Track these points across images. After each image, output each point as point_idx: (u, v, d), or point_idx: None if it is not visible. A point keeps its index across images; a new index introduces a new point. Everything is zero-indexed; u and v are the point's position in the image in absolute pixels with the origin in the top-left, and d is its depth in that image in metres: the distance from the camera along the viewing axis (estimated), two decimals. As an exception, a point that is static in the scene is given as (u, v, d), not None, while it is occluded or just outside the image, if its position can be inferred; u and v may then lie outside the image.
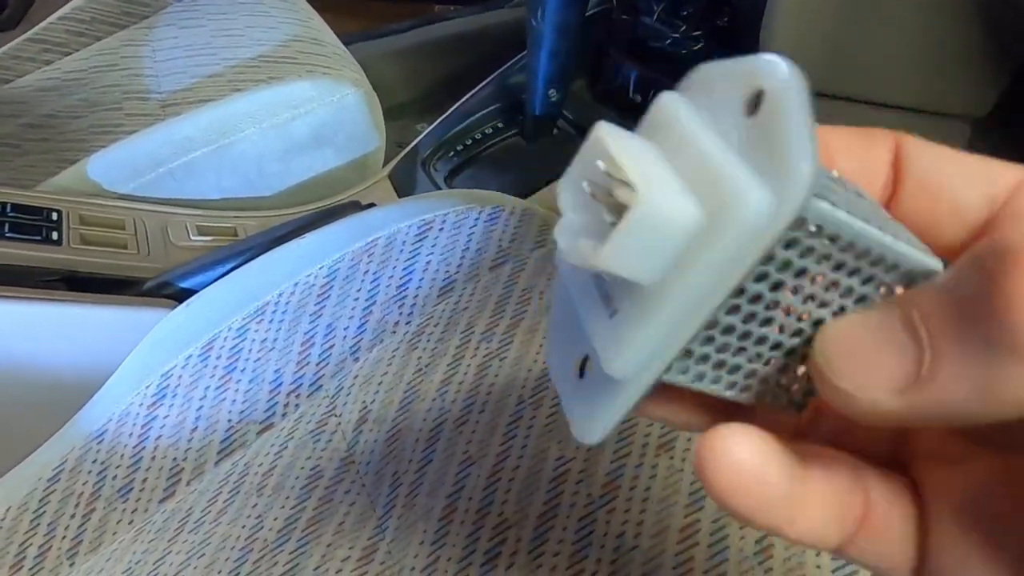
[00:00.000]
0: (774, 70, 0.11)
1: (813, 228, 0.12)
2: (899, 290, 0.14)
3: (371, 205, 0.62)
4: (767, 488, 0.13)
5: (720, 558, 0.29)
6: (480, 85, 0.80)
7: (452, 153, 0.75)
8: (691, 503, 0.32)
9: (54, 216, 0.53)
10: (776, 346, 0.13)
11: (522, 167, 0.73)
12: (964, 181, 0.15)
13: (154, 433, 0.43)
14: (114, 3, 0.89)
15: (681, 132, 0.12)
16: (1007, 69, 0.72)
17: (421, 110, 1.03)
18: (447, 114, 0.78)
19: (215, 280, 0.51)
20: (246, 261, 0.50)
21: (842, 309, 0.13)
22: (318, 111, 0.69)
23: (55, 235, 0.51)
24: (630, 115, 0.73)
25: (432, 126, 0.78)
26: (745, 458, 0.13)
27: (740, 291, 0.12)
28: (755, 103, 0.12)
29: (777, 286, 0.12)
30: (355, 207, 0.61)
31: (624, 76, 0.75)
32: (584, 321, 0.13)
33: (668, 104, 0.13)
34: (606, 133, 0.12)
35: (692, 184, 0.12)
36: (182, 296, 0.52)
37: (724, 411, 0.15)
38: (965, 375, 0.11)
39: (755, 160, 0.11)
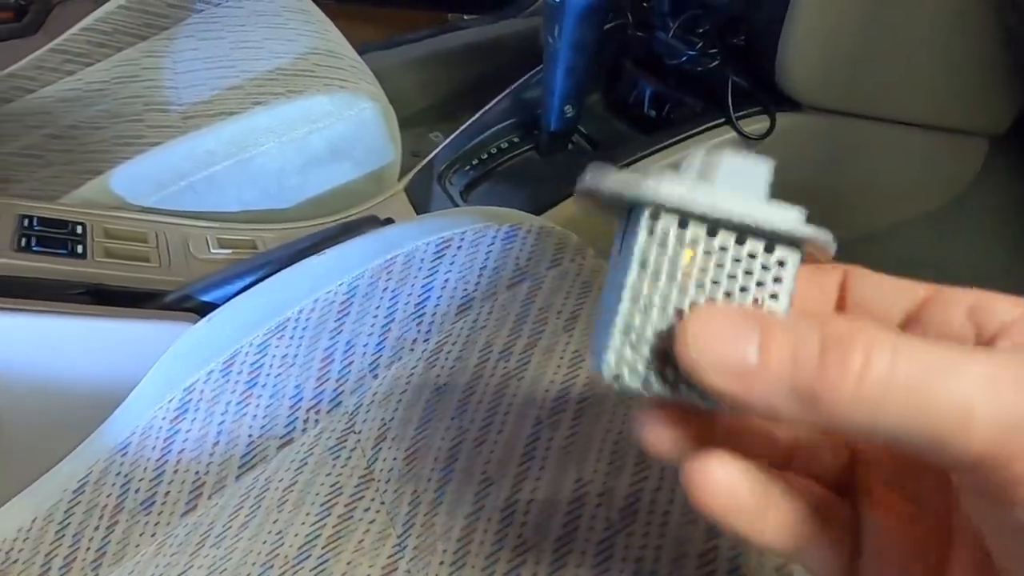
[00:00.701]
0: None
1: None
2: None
3: (389, 220, 0.63)
4: (735, 499, 0.17)
5: (738, 585, 0.30)
6: (496, 100, 0.81)
7: (468, 167, 0.76)
8: (709, 528, 0.32)
9: (79, 229, 0.54)
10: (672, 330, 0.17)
11: (537, 182, 0.73)
12: (891, 300, 0.19)
13: (176, 447, 0.43)
14: (135, 14, 0.90)
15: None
16: (1025, 89, 0.72)
17: (435, 119, 1.04)
18: (462, 128, 0.79)
19: (235, 294, 0.51)
20: (266, 275, 0.51)
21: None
22: (336, 125, 0.70)
23: (80, 248, 0.52)
24: (644, 129, 0.74)
25: (448, 140, 0.78)
26: (720, 476, 0.17)
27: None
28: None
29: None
30: (373, 222, 0.62)
31: (639, 91, 0.75)
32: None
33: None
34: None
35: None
36: (203, 309, 0.52)
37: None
38: (771, 389, 0.14)
39: None
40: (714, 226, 0.17)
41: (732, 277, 0.17)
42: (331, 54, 0.79)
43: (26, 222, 0.52)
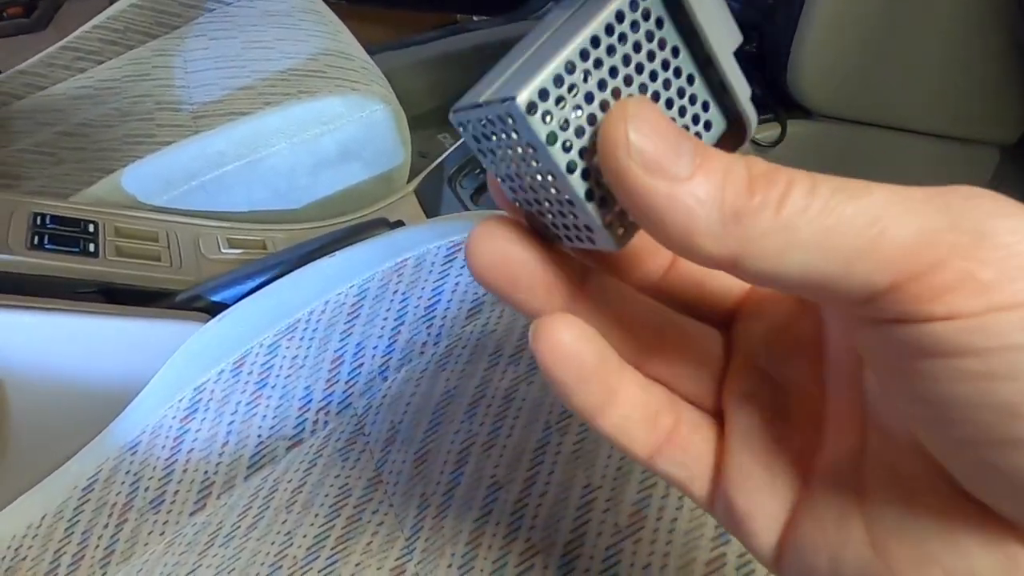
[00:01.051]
0: None
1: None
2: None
3: (399, 222, 0.63)
4: (580, 365, 0.16)
5: (747, 594, 0.30)
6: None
7: (479, 171, 0.76)
8: (717, 536, 0.32)
9: (91, 228, 0.54)
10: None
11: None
12: None
13: (186, 446, 0.44)
14: (147, 13, 0.90)
15: None
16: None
17: (444, 120, 1.04)
18: (473, 131, 0.79)
19: (246, 294, 0.52)
20: (276, 276, 0.51)
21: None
22: (347, 127, 0.70)
23: (92, 247, 0.52)
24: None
25: (459, 142, 0.78)
26: (565, 339, 0.16)
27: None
28: None
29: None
30: (382, 224, 0.62)
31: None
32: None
33: None
34: None
35: None
36: (213, 309, 0.53)
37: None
38: (691, 210, 0.14)
39: None
40: (686, 41, 0.16)
41: (668, 103, 0.16)
42: (343, 55, 0.79)
43: (39, 220, 0.52)
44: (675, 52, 0.16)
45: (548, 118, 0.14)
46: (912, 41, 0.64)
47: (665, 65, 0.16)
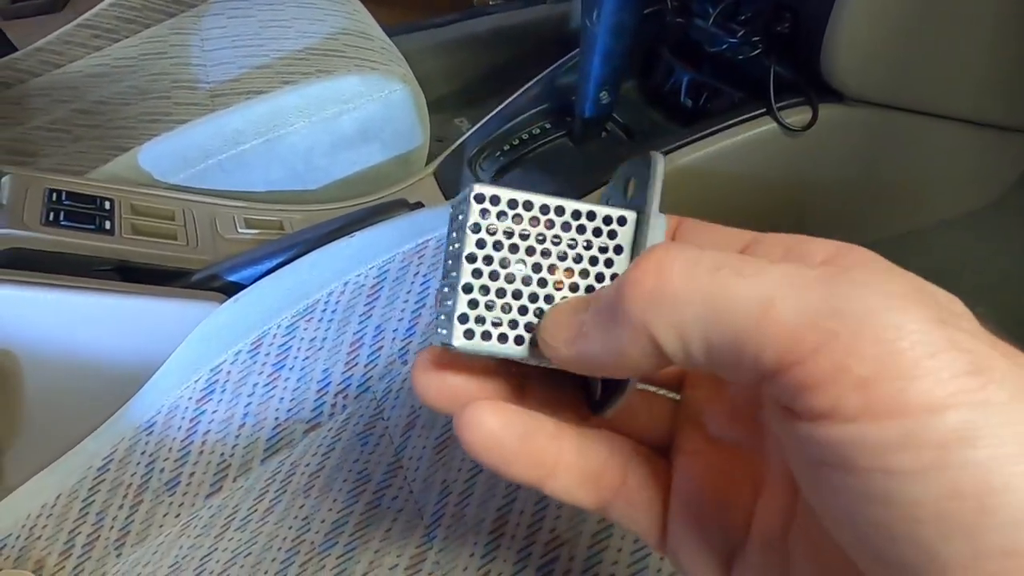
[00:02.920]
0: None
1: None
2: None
3: (418, 203, 0.62)
4: (504, 448, 0.17)
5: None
6: (528, 84, 0.79)
7: (498, 153, 0.74)
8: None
9: (107, 205, 0.53)
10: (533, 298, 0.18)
11: (570, 169, 0.72)
12: (719, 246, 0.18)
13: (202, 427, 0.43)
14: (164, -10, 0.89)
15: None
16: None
17: (460, 104, 1.03)
18: (494, 113, 0.78)
19: (263, 275, 0.51)
20: (294, 257, 0.50)
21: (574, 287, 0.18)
22: (366, 106, 0.69)
23: (108, 224, 0.51)
24: (680, 118, 0.72)
25: (479, 125, 0.77)
26: (488, 424, 0.17)
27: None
28: None
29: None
30: (402, 205, 0.61)
31: (676, 79, 0.73)
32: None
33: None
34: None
35: None
36: (230, 289, 0.52)
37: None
38: (600, 336, 0.16)
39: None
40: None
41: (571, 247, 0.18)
42: (362, 35, 0.78)
43: (54, 196, 0.52)
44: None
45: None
46: (950, 23, 0.61)
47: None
